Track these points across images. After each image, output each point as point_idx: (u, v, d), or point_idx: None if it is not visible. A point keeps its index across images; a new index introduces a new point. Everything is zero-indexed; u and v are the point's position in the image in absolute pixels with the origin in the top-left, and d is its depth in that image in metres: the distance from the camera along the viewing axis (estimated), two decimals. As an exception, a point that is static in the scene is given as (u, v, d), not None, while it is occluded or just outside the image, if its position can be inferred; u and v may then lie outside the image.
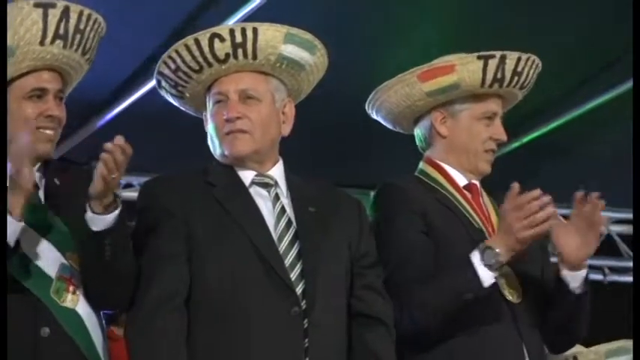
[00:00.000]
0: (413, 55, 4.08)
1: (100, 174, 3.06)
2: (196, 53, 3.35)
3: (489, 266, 3.35)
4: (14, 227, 3.03)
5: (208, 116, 3.44)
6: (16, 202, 3.06)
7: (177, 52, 3.37)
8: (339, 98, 4.28)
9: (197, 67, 3.38)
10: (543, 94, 5.46)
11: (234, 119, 3.31)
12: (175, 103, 3.55)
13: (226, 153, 3.36)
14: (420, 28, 5.30)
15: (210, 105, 3.40)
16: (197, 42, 3.35)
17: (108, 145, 3.06)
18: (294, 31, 3.44)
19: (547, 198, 3.32)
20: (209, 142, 3.46)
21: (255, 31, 3.35)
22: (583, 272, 3.49)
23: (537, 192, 3.32)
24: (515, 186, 3.34)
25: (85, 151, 3.57)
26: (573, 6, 5.40)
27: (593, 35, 5.59)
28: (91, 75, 3.50)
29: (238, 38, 3.37)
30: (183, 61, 3.36)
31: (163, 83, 3.47)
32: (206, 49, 3.35)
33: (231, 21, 4.92)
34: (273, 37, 3.41)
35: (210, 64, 3.36)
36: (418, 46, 5.19)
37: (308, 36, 3.46)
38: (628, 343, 4.53)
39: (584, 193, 3.43)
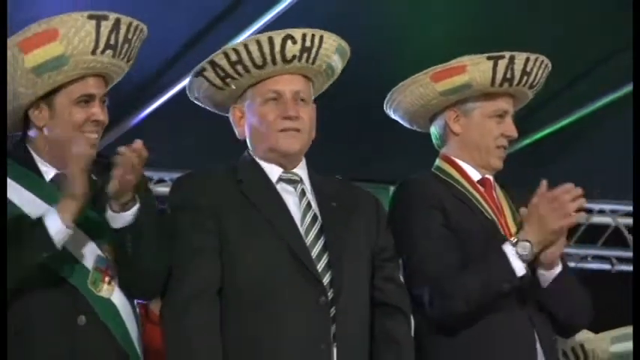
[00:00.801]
0: (429, 52, 4.12)
1: (116, 175, 3.12)
2: (266, 50, 3.41)
3: (522, 257, 3.45)
4: (63, 235, 3.12)
5: (251, 110, 3.47)
6: (68, 208, 3.14)
7: (245, 45, 3.41)
8: (355, 95, 4.30)
9: (261, 63, 3.43)
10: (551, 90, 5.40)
11: (293, 118, 3.39)
12: (193, 94, 3.57)
13: (277, 147, 3.43)
14: (432, 27, 5.30)
15: (256, 101, 3.45)
16: (270, 40, 3.41)
17: (122, 149, 3.13)
18: (343, 42, 3.55)
19: (579, 190, 3.40)
20: (245, 135, 3.52)
21: (321, 38, 3.45)
22: (557, 270, 3.58)
23: (570, 185, 3.40)
24: (544, 182, 3.43)
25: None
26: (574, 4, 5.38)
27: (596, 33, 5.56)
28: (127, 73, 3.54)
29: (308, 43, 3.45)
30: (250, 56, 3.41)
31: (209, 72, 3.49)
32: (277, 47, 3.41)
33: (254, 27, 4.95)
34: (330, 46, 3.51)
35: (275, 63, 3.42)
36: (431, 44, 5.18)
37: (347, 47, 3.55)
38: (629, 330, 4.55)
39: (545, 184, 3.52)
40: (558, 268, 3.58)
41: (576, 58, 5.80)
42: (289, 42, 3.43)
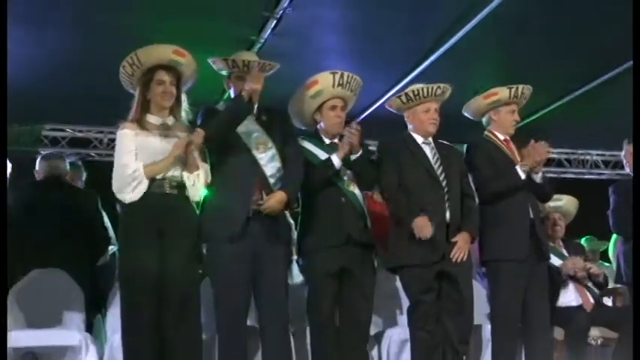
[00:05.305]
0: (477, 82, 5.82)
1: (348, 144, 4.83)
2: (437, 92, 5.06)
3: (524, 171, 5.08)
4: (338, 164, 4.85)
5: (417, 114, 5.06)
6: (340, 154, 4.79)
7: (427, 87, 4.94)
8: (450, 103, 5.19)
9: (432, 95, 5.04)
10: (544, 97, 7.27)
11: (436, 120, 5.11)
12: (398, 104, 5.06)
13: (429, 130, 5.07)
14: (476, 66, 7.04)
15: (420, 110, 5.07)
16: (440, 86, 4.97)
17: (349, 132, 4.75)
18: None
19: (545, 144, 4.97)
20: (410, 120, 5.08)
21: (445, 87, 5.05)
22: (540, 174, 5.16)
23: (541, 142, 5.01)
24: (532, 141, 5.06)
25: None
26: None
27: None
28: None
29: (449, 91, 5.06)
30: (429, 92, 5.03)
31: (402, 96, 5.01)
32: (441, 91, 5.05)
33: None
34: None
35: (436, 96, 5.08)
36: (480, 76, 6.88)
37: None
38: (563, 197, 6.24)
39: (537, 140, 5.05)
40: (541, 173, 5.17)
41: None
42: (449, 92, 5.09)
